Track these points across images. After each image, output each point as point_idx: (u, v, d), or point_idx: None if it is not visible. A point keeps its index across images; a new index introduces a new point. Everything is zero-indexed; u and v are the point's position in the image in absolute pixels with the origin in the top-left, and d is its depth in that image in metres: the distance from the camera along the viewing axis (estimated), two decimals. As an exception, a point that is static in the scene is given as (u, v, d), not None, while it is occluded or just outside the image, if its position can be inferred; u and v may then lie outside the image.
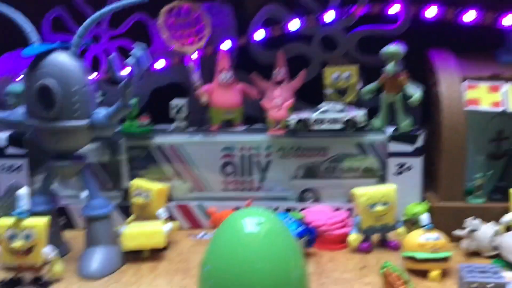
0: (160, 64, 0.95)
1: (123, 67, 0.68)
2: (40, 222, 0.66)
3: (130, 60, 0.66)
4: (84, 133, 0.72)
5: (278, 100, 0.87)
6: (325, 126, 0.86)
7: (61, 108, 0.69)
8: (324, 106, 0.87)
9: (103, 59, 0.98)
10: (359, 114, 0.86)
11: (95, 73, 0.97)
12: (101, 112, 0.71)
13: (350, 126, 0.86)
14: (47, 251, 0.67)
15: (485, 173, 0.82)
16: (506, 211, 0.78)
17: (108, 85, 0.99)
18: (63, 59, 0.69)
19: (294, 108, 0.91)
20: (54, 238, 0.76)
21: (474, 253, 0.76)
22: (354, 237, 0.76)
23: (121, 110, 0.70)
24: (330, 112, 0.86)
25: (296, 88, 0.93)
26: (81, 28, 0.70)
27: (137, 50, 0.66)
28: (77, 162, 0.74)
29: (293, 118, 0.86)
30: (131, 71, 0.66)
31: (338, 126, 0.86)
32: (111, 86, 0.99)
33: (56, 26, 0.98)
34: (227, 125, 0.93)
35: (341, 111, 0.86)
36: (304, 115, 0.86)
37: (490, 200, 0.82)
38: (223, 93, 0.90)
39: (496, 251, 0.74)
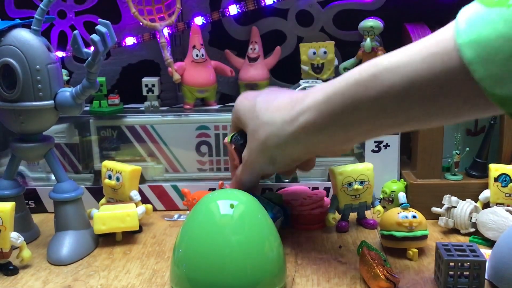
0: (130, 40, 0.92)
1: (89, 44, 0.65)
2: (6, 207, 0.64)
3: (94, 37, 0.63)
4: (49, 114, 0.69)
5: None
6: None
7: (23, 88, 0.66)
8: (303, 83, 0.85)
9: (69, 35, 0.95)
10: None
11: (61, 51, 0.94)
12: (67, 92, 0.68)
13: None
14: (14, 236, 0.65)
15: (463, 149, 0.82)
16: (483, 187, 0.78)
17: (75, 63, 0.97)
18: (25, 36, 0.66)
19: (270, 86, 0.90)
20: (23, 222, 0.74)
21: (452, 230, 0.76)
22: (331, 216, 0.76)
23: (87, 89, 0.67)
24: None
25: (271, 65, 0.91)
26: (42, 4, 0.66)
27: (102, 26, 0.63)
28: (43, 144, 0.71)
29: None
30: (96, 48, 0.63)
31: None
32: (78, 64, 0.96)
33: (20, 1, 0.94)
34: (201, 104, 0.91)
35: (319, 88, 0.84)
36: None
37: (468, 176, 0.82)
38: (196, 70, 0.87)
39: (473, 228, 0.74)
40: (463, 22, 0.46)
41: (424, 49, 0.48)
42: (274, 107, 0.63)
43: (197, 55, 0.87)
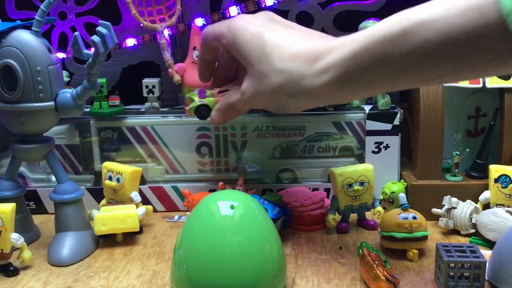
0: (130, 42, 0.92)
1: (89, 45, 0.65)
2: (6, 208, 0.64)
3: (95, 38, 0.63)
4: (49, 115, 0.69)
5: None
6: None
7: (24, 89, 0.66)
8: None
9: (70, 37, 0.95)
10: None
11: (61, 53, 0.94)
12: (67, 93, 0.68)
13: (331, 104, 0.84)
14: (15, 237, 0.65)
15: (463, 150, 0.82)
16: (483, 188, 0.78)
17: (76, 64, 0.97)
18: (25, 38, 0.66)
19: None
20: (23, 223, 0.74)
21: (452, 231, 0.76)
22: (331, 217, 0.76)
23: (87, 90, 0.67)
24: None
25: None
26: (43, 5, 0.66)
27: (102, 27, 0.63)
28: (43, 145, 0.71)
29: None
30: (96, 49, 0.63)
31: (317, 105, 0.84)
32: (79, 65, 0.96)
33: (20, 2, 0.94)
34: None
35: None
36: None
37: (468, 177, 0.82)
38: (196, 72, 0.87)
39: (474, 229, 0.74)
40: None
41: (461, 2, 0.45)
42: (290, 55, 0.57)
43: (197, 56, 0.87)
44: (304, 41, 0.58)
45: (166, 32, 0.88)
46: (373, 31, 0.51)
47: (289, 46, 0.58)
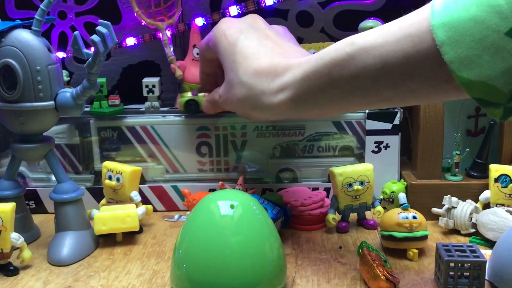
0: (130, 41, 0.92)
1: (89, 45, 0.65)
2: (6, 208, 0.64)
3: (95, 37, 0.63)
4: (49, 115, 0.69)
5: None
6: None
7: (24, 89, 0.66)
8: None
9: (70, 36, 0.95)
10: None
11: (61, 52, 0.94)
12: (67, 92, 0.68)
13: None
14: (15, 237, 0.65)
15: (463, 150, 0.82)
16: (484, 188, 0.78)
17: (76, 63, 0.97)
18: (25, 37, 0.66)
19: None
20: (23, 223, 0.74)
21: (452, 231, 0.76)
22: (331, 217, 0.75)
23: (87, 90, 0.67)
24: None
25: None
26: (43, 4, 0.66)
27: (102, 27, 0.63)
28: (43, 145, 0.71)
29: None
30: (96, 49, 0.63)
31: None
32: (78, 65, 0.96)
33: (20, 2, 0.94)
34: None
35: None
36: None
37: (468, 177, 0.82)
38: (196, 69, 0.87)
39: (474, 229, 0.74)
40: (438, 3, 0.45)
41: (398, 30, 0.48)
42: (254, 71, 0.61)
43: (197, 54, 0.87)
44: (269, 56, 0.61)
45: (167, 31, 0.88)
46: (323, 53, 0.54)
47: (255, 60, 0.61)
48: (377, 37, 0.49)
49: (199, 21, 0.90)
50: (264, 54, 0.62)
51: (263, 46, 0.63)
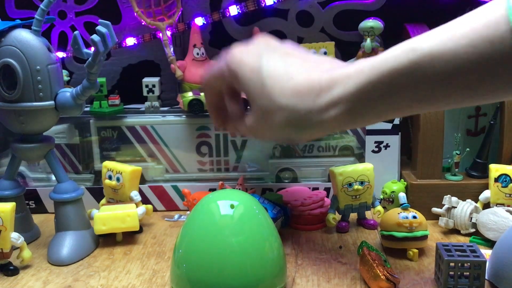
0: (130, 41, 0.92)
1: (89, 44, 0.65)
2: (6, 208, 0.64)
3: (94, 37, 0.63)
4: (49, 114, 0.69)
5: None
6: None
7: (24, 89, 0.66)
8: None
9: (70, 36, 0.95)
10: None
11: (61, 52, 0.94)
12: (67, 92, 0.68)
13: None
14: (15, 236, 0.65)
15: (463, 150, 0.82)
16: (484, 188, 0.78)
17: (76, 63, 0.97)
18: (25, 37, 0.66)
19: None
20: (23, 223, 0.74)
21: (452, 231, 0.76)
22: (331, 217, 0.75)
23: (87, 89, 0.67)
24: None
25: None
26: (43, 4, 0.66)
27: (102, 27, 0.63)
28: (43, 145, 0.71)
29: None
30: (96, 49, 0.63)
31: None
32: (78, 65, 0.96)
33: (20, 2, 0.94)
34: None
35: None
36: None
37: (468, 177, 0.82)
38: (196, 69, 0.87)
39: (474, 229, 0.74)
40: None
41: (471, 32, 0.44)
42: (292, 91, 0.55)
43: (197, 54, 0.87)
44: (304, 73, 0.56)
45: (167, 31, 0.88)
46: (378, 63, 0.50)
47: (289, 80, 0.55)
48: (446, 41, 0.46)
49: (199, 21, 0.90)
50: (296, 71, 0.56)
51: (290, 64, 0.57)
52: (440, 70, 0.46)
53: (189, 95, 0.83)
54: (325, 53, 0.87)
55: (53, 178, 0.75)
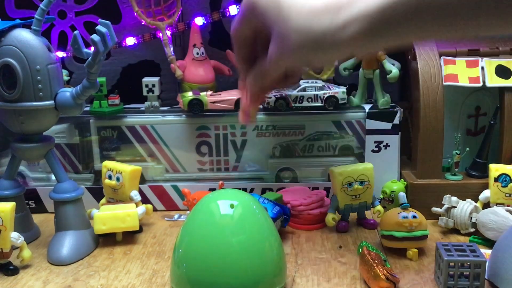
0: (130, 41, 0.92)
1: (89, 44, 0.65)
2: (6, 207, 0.64)
3: (94, 37, 0.63)
4: (49, 114, 0.69)
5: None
6: (305, 104, 0.84)
7: (24, 89, 0.66)
8: (303, 83, 0.85)
9: (70, 36, 0.95)
10: (339, 91, 0.84)
11: (61, 52, 0.94)
12: (67, 92, 0.68)
13: (331, 103, 0.84)
14: (15, 236, 0.65)
15: (463, 149, 0.81)
16: (483, 187, 0.78)
17: (76, 63, 0.97)
18: (25, 37, 0.66)
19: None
20: (23, 222, 0.74)
21: (452, 230, 0.76)
22: (331, 217, 0.75)
23: (87, 89, 0.67)
24: (311, 90, 0.84)
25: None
26: (43, 4, 0.66)
27: (102, 26, 0.63)
28: (43, 144, 0.71)
29: (273, 95, 0.84)
30: (96, 48, 0.63)
31: (318, 104, 0.84)
32: (78, 64, 0.96)
33: (20, 1, 0.94)
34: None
35: (321, 88, 0.84)
36: (283, 92, 0.84)
37: (468, 176, 0.82)
38: (196, 68, 0.87)
39: (474, 228, 0.74)
40: None
41: None
42: (308, 11, 0.54)
43: (197, 53, 0.87)
44: None
45: (167, 31, 0.88)
46: None
47: (306, 3, 0.55)
48: None
49: (199, 21, 0.90)
50: None
51: None
52: None
53: (189, 94, 0.83)
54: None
55: (53, 177, 0.75)
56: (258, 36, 0.62)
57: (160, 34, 0.88)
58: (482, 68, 0.81)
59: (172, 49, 0.87)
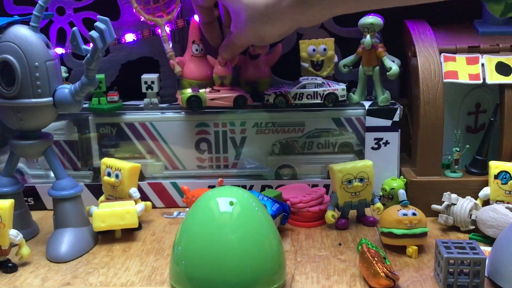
0: (129, 37, 0.91)
1: (88, 41, 0.65)
2: (5, 204, 0.64)
3: (93, 33, 0.62)
4: (48, 111, 0.68)
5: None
6: (305, 101, 0.84)
7: (22, 85, 0.65)
8: (303, 80, 0.85)
9: (68, 32, 0.95)
10: (339, 88, 0.84)
11: (60, 48, 0.94)
12: (66, 89, 0.68)
13: (331, 100, 0.84)
14: (13, 233, 0.65)
15: (463, 146, 0.81)
16: (483, 185, 0.78)
17: (74, 59, 0.96)
18: (23, 33, 0.66)
19: (271, 83, 0.90)
20: (22, 220, 0.74)
21: (452, 228, 0.76)
22: (330, 214, 0.75)
23: (86, 86, 0.66)
24: (310, 86, 0.84)
25: (272, 62, 0.91)
26: (41, 0, 0.66)
27: (101, 23, 0.63)
28: (42, 141, 0.71)
29: (272, 92, 0.84)
30: (95, 45, 0.63)
31: (318, 101, 0.84)
32: (77, 61, 0.96)
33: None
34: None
35: (321, 85, 0.84)
36: (283, 89, 0.84)
37: (468, 174, 0.81)
38: (195, 65, 0.87)
39: (473, 226, 0.74)
40: None
41: None
42: None
43: (196, 50, 0.87)
44: None
45: (166, 27, 0.88)
46: None
47: None
48: None
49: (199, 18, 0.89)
50: None
51: None
52: None
53: (188, 91, 0.83)
54: (324, 50, 0.87)
55: (52, 175, 0.75)
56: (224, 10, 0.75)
57: (159, 31, 0.87)
58: (482, 65, 0.81)
59: (171, 45, 0.87)
